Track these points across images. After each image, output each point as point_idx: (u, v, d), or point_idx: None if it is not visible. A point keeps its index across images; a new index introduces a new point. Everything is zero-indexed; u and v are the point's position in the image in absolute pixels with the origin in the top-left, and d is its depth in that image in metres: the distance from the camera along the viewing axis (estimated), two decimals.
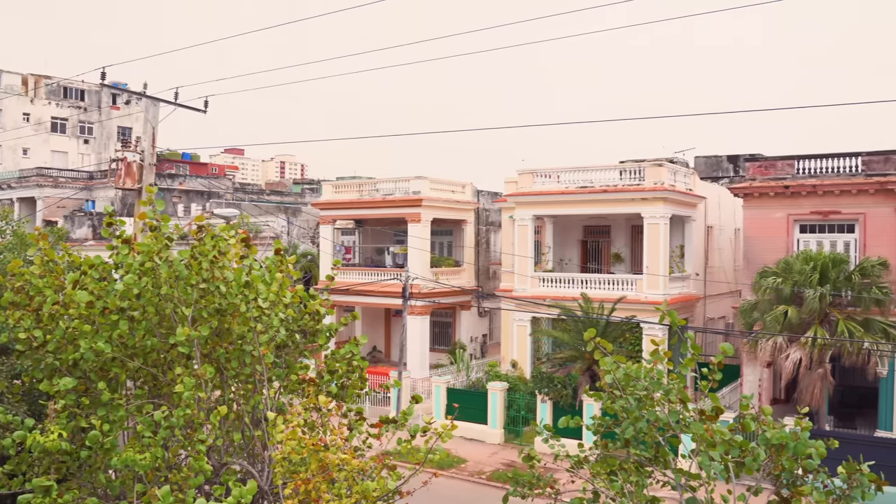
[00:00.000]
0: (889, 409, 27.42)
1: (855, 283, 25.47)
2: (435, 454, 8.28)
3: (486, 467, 27.15)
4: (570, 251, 38.06)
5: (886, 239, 27.69)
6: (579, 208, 33.37)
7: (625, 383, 7.52)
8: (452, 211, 40.24)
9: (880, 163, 28.09)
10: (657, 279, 30.66)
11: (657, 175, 31.01)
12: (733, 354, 24.86)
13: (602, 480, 7.77)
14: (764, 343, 25.18)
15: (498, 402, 30.18)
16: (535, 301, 31.66)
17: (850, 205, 28.36)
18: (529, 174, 34.18)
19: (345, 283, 37.72)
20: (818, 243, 28.89)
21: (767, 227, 29.59)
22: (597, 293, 30.82)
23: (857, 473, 6.97)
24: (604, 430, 8.15)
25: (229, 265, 9.02)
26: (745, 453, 6.93)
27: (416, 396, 9.10)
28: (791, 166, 29.60)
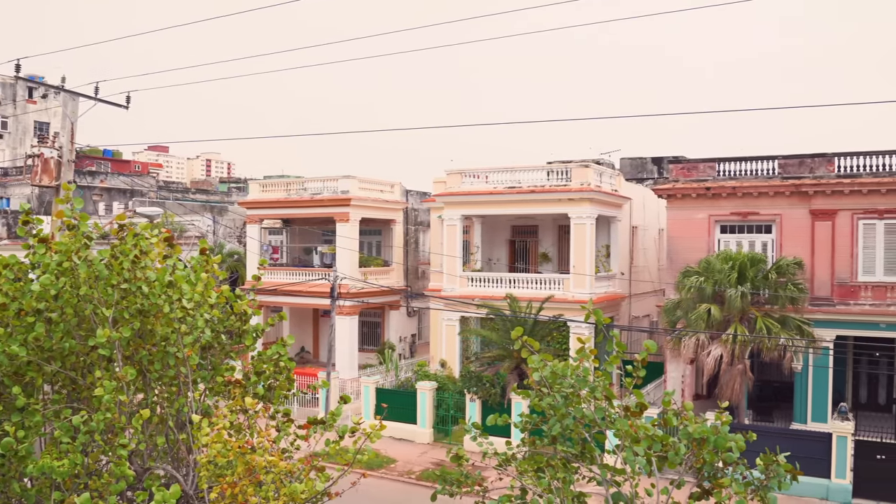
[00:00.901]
0: (804, 403, 28.45)
1: (772, 281, 26.31)
2: (364, 454, 8.25)
3: (416, 467, 27.16)
4: (498, 251, 38.35)
5: (801, 239, 28.71)
6: (507, 208, 33.67)
7: (552, 381, 7.60)
8: (381, 210, 40.14)
9: (795, 166, 29.09)
10: (584, 278, 31.13)
11: (584, 176, 31.49)
12: (657, 352, 25.38)
13: (529, 477, 7.85)
14: (687, 340, 25.80)
15: (427, 401, 30.22)
16: (464, 300, 31.82)
17: (768, 206, 29.31)
18: (458, 174, 34.32)
19: (272, 284, 37.26)
20: (738, 243, 29.75)
21: (690, 227, 30.35)
22: (525, 292, 31.12)
23: (773, 464, 7.19)
24: (531, 427, 8.22)
25: (152, 265, 8.81)
26: (668, 448, 7.09)
27: (345, 397, 9.02)
28: (712, 168, 30.42)
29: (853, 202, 28.11)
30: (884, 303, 27.80)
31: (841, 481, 23.20)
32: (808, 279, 28.17)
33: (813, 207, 28.59)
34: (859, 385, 32.07)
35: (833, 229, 28.39)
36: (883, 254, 28.05)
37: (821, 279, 28.49)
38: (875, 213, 27.98)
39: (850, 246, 28.23)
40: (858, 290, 28.18)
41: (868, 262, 28.23)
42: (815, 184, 28.35)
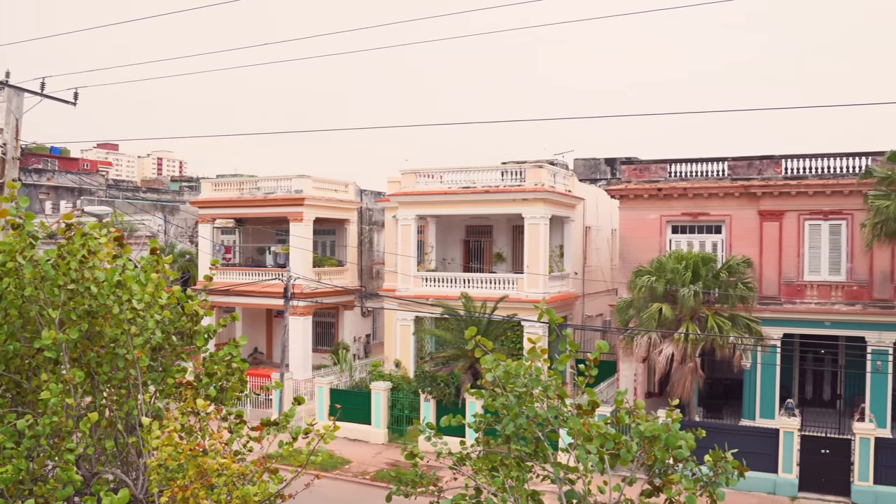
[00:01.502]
0: (752, 400, 29.01)
1: (722, 281, 26.77)
2: (317, 456, 8.19)
3: (371, 467, 27.07)
4: (452, 251, 38.42)
5: (750, 239, 29.28)
6: (462, 208, 33.74)
7: (505, 381, 7.64)
8: (335, 210, 39.94)
9: (744, 168, 29.64)
10: (537, 278, 31.34)
11: (537, 176, 31.69)
12: (610, 351, 25.58)
13: (484, 476, 7.88)
14: (639, 339, 26.12)
15: (382, 401, 30.14)
16: (419, 300, 31.81)
17: (718, 207, 29.82)
18: (412, 174, 34.30)
19: (225, 284, 36.85)
20: (689, 243, 30.21)
21: (642, 227, 30.73)
22: (479, 292, 31.22)
23: (722, 461, 7.32)
24: (485, 427, 8.25)
25: (100, 265, 8.64)
26: (620, 445, 7.17)
27: (299, 398, 8.96)
28: (664, 169, 30.84)
29: (799, 203, 28.76)
30: (828, 301, 28.49)
31: (787, 476, 23.69)
32: (757, 278, 28.74)
33: (761, 208, 29.18)
34: (805, 382, 32.80)
35: (780, 230, 29.00)
36: (827, 254, 28.76)
37: (769, 278, 29.09)
38: (820, 214, 28.66)
39: (797, 246, 28.89)
40: (804, 289, 28.84)
41: (814, 262, 28.92)
42: (763, 185, 28.94)
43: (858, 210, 27.41)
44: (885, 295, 27.96)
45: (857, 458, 23.14)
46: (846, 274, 28.54)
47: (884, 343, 27.61)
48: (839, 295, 28.48)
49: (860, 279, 28.27)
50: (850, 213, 28.16)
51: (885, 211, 24.71)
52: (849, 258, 28.44)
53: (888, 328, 27.55)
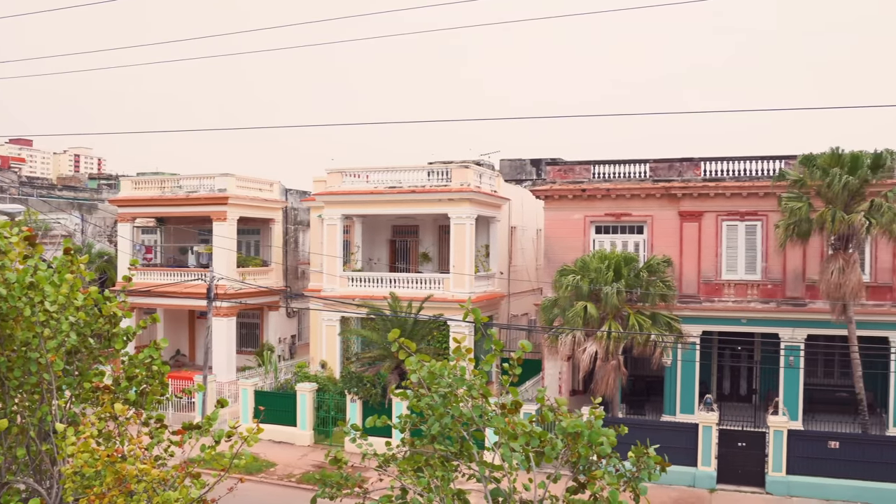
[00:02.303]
0: (673, 396, 29.74)
1: (644, 280, 27.34)
2: (241, 459, 8.05)
3: (296, 470, 26.77)
4: (379, 251, 38.31)
5: (670, 239, 29.99)
6: (388, 208, 33.66)
7: (429, 381, 7.64)
8: (260, 210, 39.38)
9: (665, 169, 30.34)
10: (463, 278, 31.48)
11: (463, 176, 31.83)
12: (535, 349, 25.73)
13: (409, 477, 7.87)
14: (563, 338, 26.46)
15: (307, 403, 29.84)
16: (344, 300, 31.61)
17: (640, 208, 30.44)
18: (338, 174, 34.05)
19: (145, 285, 35.95)
20: (612, 243, 30.76)
21: (566, 227, 31.15)
22: (405, 292, 31.19)
23: (644, 456, 7.46)
24: (411, 427, 8.25)
25: (11, 266, 8.31)
26: (545, 443, 7.24)
27: (222, 400, 8.78)
28: (588, 171, 31.32)
29: (718, 205, 29.59)
30: (745, 299, 29.39)
31: (706, 469, 24.35)
32: (677, 277, 29.45)
33: (681, 209, 29.91)
34: (723, 377, 33.78)
35: (700, 230, 29.79)
36: (744, 253, 29.68)
37: (688, 277, 29.85)
38: (737, 215, 29.54)
39: (715, 246, 29.73)
40: (722, 287, 29.69)
41: (731, 262, 29.81)
42: (683, 187, 29.66)
43: (773, 211, 28.35)
44: (797, 293, 29.00)
45: (772, 450, 23.94)
46: (761, 273, 29.50)
47: (796, 339, 28.66)
48: (755, 293, 29.41)
49: (774, 278, 29.26)
50: (765, 214, 29.12)
51: (798, 212, 25.63)
52: (764, 258, 29.40)
53: (800, 325, 28.60)
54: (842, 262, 25.24)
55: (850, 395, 28.30)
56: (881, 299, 28.33)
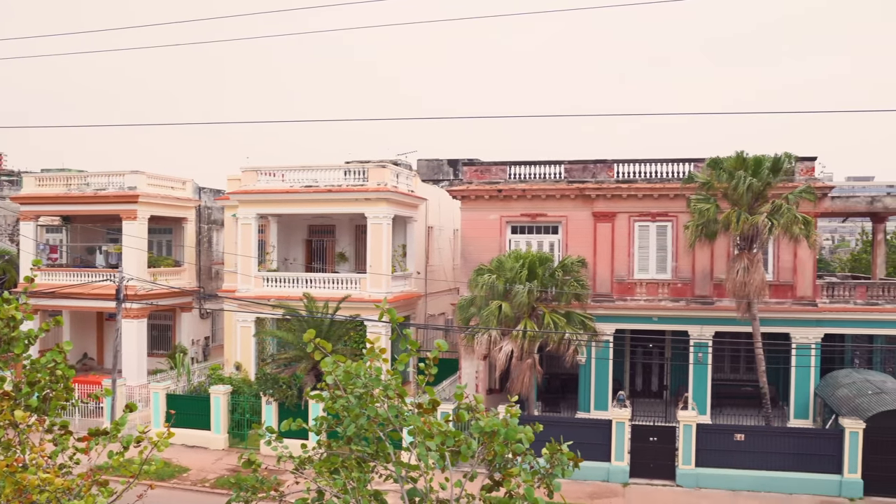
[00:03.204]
0: (587, 393, 30.32)
1: (558, 279, 27.76)
2: (151, 465, 7.83)
3: (211, 474, 26.24)
4: (294, 250, 37.89)
5: (584, 239, 30.57)
6: (304, 207, 33.31)
7: (345, 382, 7.58)
8: (172, 208, 38.43)
9: (579, 171, 30.90)
10: (380, 278, 31.41)
11: (381, 176, 31.75)
12: (452, 349, 25.77)
13: (325, 479, 7.79)
14: (480, 337, 26.64)
15: (221, 406, 29.27)
16: (259, 301, 31.14)
17: (555, 208, 30.92)
18: (253, 172, 33.53)
19: (50, 286, 34.66)
20: (527, 243, 31.17)
21: (483, 227, 31.41)
22: (322, 292, 30.94)
23: (558, 453, 7.56)
24: (327, 429, 8.17)
25: None
26: (461, 442, 7.27)
27: (131, 405, 8.51)
28: (504, 171, 31.64)
29: (630, 206, 30.29)
30: (656, 298, 30.18)
31: (620, 463, 24.90)
32: (591, 277, 30.04)
33: (595, 210, 30.51)
34: (636, 374, 34.62)
35: (613, 230, 30.45)
36: (655, 253, 30.48)
37: (602, 277, 30.47)
38: (649, 216, 30.30)
39: (628, 246, 30.43)
40: (634, 286, 30.42)
41: (643, 261, 30.57)
42: (596, 188, 30.26)
43: (682, 212, 29.19)
44: (705, 291, 29.94)
45: (681, 444, 24.64)
46: (671, 272, 30.34)
47: (704, 336, 29.59)
48: (665, 292, 30.23)
49: (684, 277, 30.13)
50: (675, 215, 29.95)
51: (706, 214, 26.45)
52: (674, 257, 30.24)
53: (708, 322, 29.55)
54: (746, 261, 26.16)
55: (754, 389, 29.36)
56: (783, 297, 29.51)
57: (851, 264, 58.69)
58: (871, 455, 23.44)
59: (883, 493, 23.31)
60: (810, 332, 29.28)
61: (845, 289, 30.16)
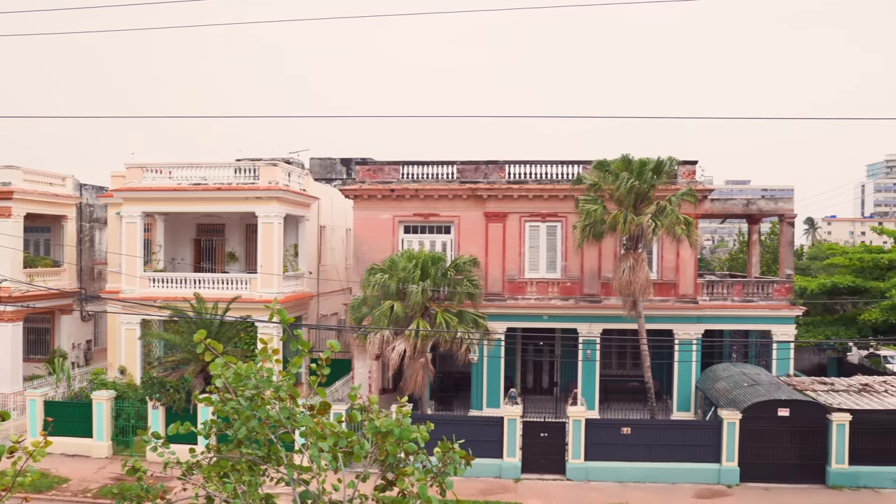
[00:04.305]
0: (479, 391, 30.69)
1: (451, 278, 27.98)
2: (26, 476, 7.46)
3: (93, 484, 25.19)
4: (182, 250, 36.85)
5: (476, 239, 30.93)
6: (192, 206, 32.42)
7: (235, 384, 7.44)
8: (50, 206, 36.67)
9: (471, 171, 31.23)
10: (271, 278, 30.92)
11: (272, 175, 31.25)
12: (345, 349, 25.66)
13: (214, 484, 7.61)
14: (372, 337, 26.58)
15: (104, 412, 28.13)
16: (145, 302, 30.10)
17: (447, 208, 31.15)
18: (138, 169, 32.41)
19: None
20: (420, 243, 31.29)
21: (375, 227, 31.34)
22: (211, 293, 30.23)
23: (450, 451, 7.63)
24: (216, 432, 7.98)
25: None
26: (354, 443, 7.24)
27: (3, 413, 8.10)
28: (397, 171, 31.66)
29: (521, 206, 30.83)
30: (546, 297, 30.82)
31: (511, 459, 25.28)
32: (483, 276, 30.41)
33: (487, 210, 30.89)
34: (527, 371, 35.25)
35: (504, 231, 30.92)
36: (545, 253, 31.13)
37: (494, 276, 30.90)
38: (539, 216, 30.91)
39: (519, 246, 30.97)
40: (525, 285, 30.97)
41: (533, 261, 31.16)
42: (488, 188, 30.66)
43: (571, 213, 29.92)
44: (593, 290, 30.77)
45: (571, 439, 25.23)
46: (561, 272, 31.05)
47: (593, 334, 30.42)
48: (555, 291, 30.91)
49: (573, 276, 30.88)
50: (565, 215, 30.67)
51: (594, 214, 27.18)
52: (563, 257, 30.95)
53: (596, 320, 30.39)
54: (632, 261, 27.03)
55: (640, 384, 30.37)
56: (666, 295, 30.64)
57: (730, 263, 61.56)
58: (746, 444, 24.62)
59: (757, 479, 24.51)
60: (692, 328, 30.54)
61: (724, 287, 31.56)
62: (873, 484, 24.22)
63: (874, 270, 37.35)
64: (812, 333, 35.90)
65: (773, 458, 24.52)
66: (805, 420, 24.55)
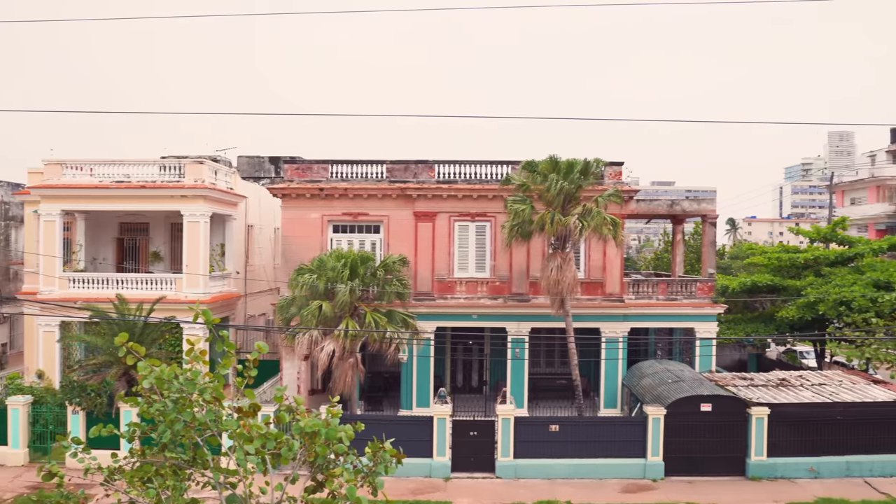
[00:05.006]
0: (409, 390, 30.67)
1: (380, 278, 27.89)
2: None
3: (7, 493, 24.26)
4: (104, 250, 35.84)
5: (406, 239, 30.90)
6: (115, 204, 31.56)
7: (160, 386, 7.27)
8: None
9: (401, 171, 31.18)
10: (197, 278, 30.34)
11: (198, 172, 30.66)
12: (274, 350, 25.27)
13: (137, 489, 7.42)
14: (301, 337, 26.31)
15: (20, 418, 27.12)
16: (65, 304, 29.16)
17: (377, 208, 31.04)
18: (58, 165, 31.38)
19: None
20: (349, 242, 31.11)
21: (304, 226, 31.03)
22: (135, 293, 29.51)
23: (380, 451, 7.60)
24: (141, 436, 7.79)
25: None
26: (282, 444, 7.15)
27: None
28: (326, 170, 31.40)
29: (451, 206, 30.92)
30: (475, 296, 30.98)
31: (441, 458, 25.32)
32: (413, 276, 30.40)
33: (416, 210, 30.89)
34: (457, 371, 35.37)
35: (433, 230, 30.96)
36: (474, 253, 31.29)
37: (423, 275, 30.91)
38: (468, 216, 31.05)
39: (448, 245, 31.05)
40: (455, 285, 31.07)
41: (462, 260, 31.28)
42: (418, 188, 30.66)
43: (500, 213, 30.15)
44: (521, 289, 31.06)
45: (500, 437, 25.41)
46: (490, 271, 31.25)
47: (521, 332, 30.71)
48: (484, 290, 31.10)
49: (502, 275, 31.11)
50: (494, 215, 30.88)
51: (522, 214, 27.44)
52: (492, 256, 31.16)
53: (525, 319, 30.69)
54: (560, 260, 27.37)
55: (568, 382, 30.76)
56: (593, 294, 31.13)
57: (655, 263, 62.96)
58: (670, 439, 25.19)
59: (681, 472, 25.10)
60: (618, 326, 31.10)
61: (649, 286, 32.24)
62: (790, 474, 25.08)
63: (791, 269, 38.61)
64: (733, 330, 36.92)
65: (696, 452, 25.16)
66: (726, 414, 25.26)
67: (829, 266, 37.16)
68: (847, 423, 25.39)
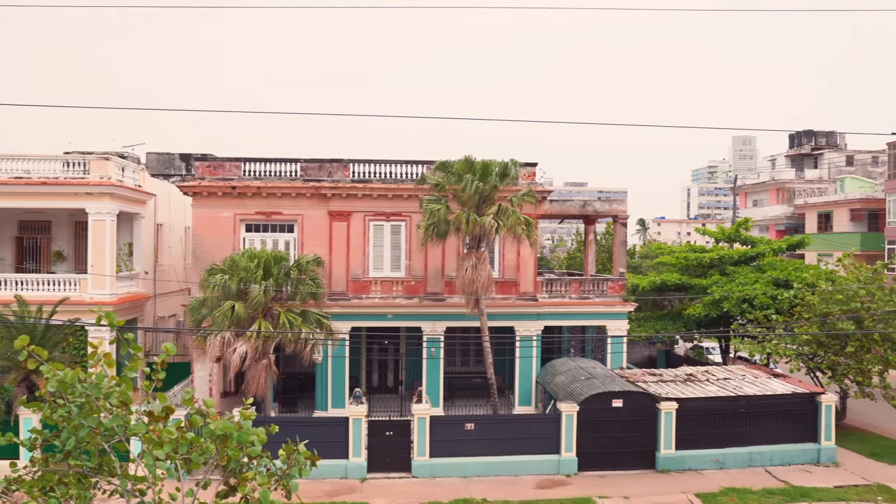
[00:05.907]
0: (324, 391, 30.39)
1: (293, 278, 27.53)
2: None
3: None
4: (3, 249, 34.32)
5: (320, 238, 30.60)
6: (13, 201, 30.23)
7: (63, 390, 6.99)
8: None
9: (315, 169, 30.85)
10: (103, 279, 29.36)
11: (103, 169, 29.67)
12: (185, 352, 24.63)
13: (37, 500, 7.11)
14: (212, 339, 25.75)
15: None
16: None
17: (291, 207, 30.64)
18: None
19: None
20: (262, 242, 30.62)
21: (216, 225, 30.38)
22: (36, 295, 28.34)
23: (294, 453, 7.49)
24: (43, 443, 7.47)
25: None
26: (194, 448, 6.97)
27: None
28: (238, 168, 30.81)
29: (366, 205, 30.77)
30: (390, 296, 30.91)
31: (357, 459, 25.16)
32: (327, 275, 30.13)
33: (331, 209, 30.62)
34: (372, 371, 35.22)
35: (348, 229, 30.75)
36: (390, 252, 31.22)
37: (338, 275, 30.67)
38: (383, 215, 30.96)
39: (363, 245, 30.89)
40: (370, 284, 30.94)
41: (378, 260, 31.18)
42: (332, 187, 30.40)
43: (416, 213, 30.16)
44: (437, 289, 31.15)
45: (416, 437, 25.41)
46: (405, 270, 31.23)
47: (437, 332, 30.78)
48: (400, 290, 31.05)
49: (417, 275, 31.13)
50: (409, 215, 30.87)
51: (437, 214, 27.51)
52: (408, 256, 31.14)
53: (440, 318, 30.77)
54: (475, 260, 27.55)
55: (483, 380, 31.01)
56: (508, 293, 31.45)
57: (568, 262, 64.09)
58: (584, 434, 25.66)
59: (594, 467, 25.60)
60: (532, 325, 31.51)
61: (562, 285, 32.76)
62: (697, 466, 25.90)
63: (698, 268, 39.85)
64: (643, 328, 37.87)
65: (608, 447, 25.70)
66: (637, 410, 25.89)
67: (733, 265, 38.50)
68: (750, 416, 26.41)
